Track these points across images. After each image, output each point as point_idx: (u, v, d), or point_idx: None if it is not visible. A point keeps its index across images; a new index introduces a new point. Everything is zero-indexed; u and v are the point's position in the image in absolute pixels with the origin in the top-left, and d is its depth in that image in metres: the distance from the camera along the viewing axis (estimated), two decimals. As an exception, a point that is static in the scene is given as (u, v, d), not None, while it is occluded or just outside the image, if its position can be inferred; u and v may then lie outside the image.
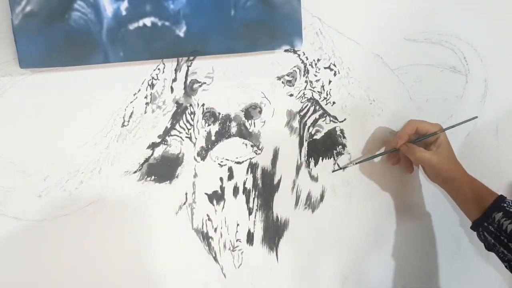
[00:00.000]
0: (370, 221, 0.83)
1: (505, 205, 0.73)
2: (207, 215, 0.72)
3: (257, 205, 0.74)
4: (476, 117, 0.80)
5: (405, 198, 0.85)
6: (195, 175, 0.70)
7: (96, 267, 0.66)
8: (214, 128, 0.69)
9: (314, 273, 0.81)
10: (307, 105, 0.75)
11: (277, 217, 0.76)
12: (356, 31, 0.75)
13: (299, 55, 0.73)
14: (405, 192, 0.86)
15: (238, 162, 0.72)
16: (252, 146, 0.72)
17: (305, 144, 0.76)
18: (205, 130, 0.69)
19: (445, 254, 0.90)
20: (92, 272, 0.66)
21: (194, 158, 0.69)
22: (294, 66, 0.73)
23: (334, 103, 0.76)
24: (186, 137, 0.68)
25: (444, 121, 0.83)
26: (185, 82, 0.67)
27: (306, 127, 0.75)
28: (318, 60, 0.74)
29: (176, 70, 0.66)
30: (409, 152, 0.76)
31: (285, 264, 0.78)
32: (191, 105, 0.68)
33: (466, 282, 0.92)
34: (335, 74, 0.75)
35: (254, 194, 0.74)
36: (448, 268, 0.90)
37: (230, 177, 0.72)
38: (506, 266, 0.74)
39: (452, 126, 0.79)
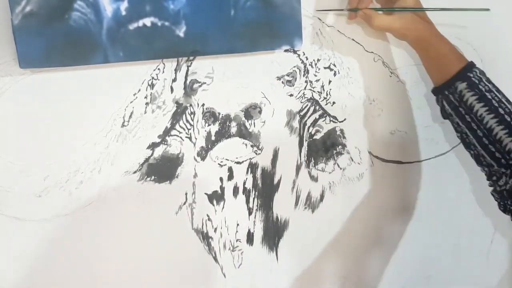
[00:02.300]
0: (370, 221, 0.83)
1: (471, 75, 0.68)
2: (207, 215, 0.72)
3: (257, 205, 0.74)
4: (488, 9, 0.71)
5: (405, 198, 0.86)
6: (195, 175, 0.70)
7: (96, 267, 0.66)
8: (214, 128, 0.69)
9: (313, 273, 0.81)
10: (307, 105, 0.75)
11: (277, 217, 0.77)
12: (356, 31, 0.75)
13: (299, 55, 0.73)
14: (405, 192, 0.86)
15: (238, 162, 0.72)
16: (252, 146, 0.72)
17: (305, 144, 0.76)
18: (205, 130, 0.69)
19: (445, 254, 0.90)
20: (92, 272, 0.66)
21: (194, 158, 0.69)
22: (294, 66, 0.73)
23: (334, 103, 0.76)
24: (186, 137, 0.68)
25: (443, 121, 0.83)
26: (185, 82, 0.67)
27: (306, 127, 0.75)
28: (318, 60, 0.74)
29: (176, 70, 0.66)
30: (367, 20, 0.70)
31: (285, 264, 0.78)
32: (191, 105, 0.68)
33: (465, 281, 0.92)
34: (335, 74, 0.75)
35: (254, 194, 0.74)
36: (448, 268, 0.90)
37: (230, 177, 0.72)
38: (458, 136, 0.72)
39: (458, 9, 0.73)
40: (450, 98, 0.70)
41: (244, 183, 0.73)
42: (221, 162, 0.71)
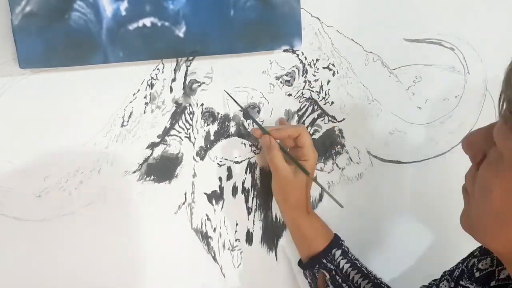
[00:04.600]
0: (370, 221, 0.83)
1: (342, 242, 0.72)
2: (206, 215, 0.72)
3: (256, 205, 0.75)
4: (342, 206, 0.70)
5: (404, 198, 0.86)
6: (194, 175, 0.70)
7: (96, 267, 0.66)
8: (213, 128, 0.70)
9: (313, 273, 0.81)
10: (306, 105, 0.75)
11: (276, 216, 0.77)
12: (355, 31, 0.75)
13: (297, 55, 0.73)
14: (405, 192, 0.86)
15: (237, 162, 0.72)
16: (250, 146, 0.72)
17: (304, 144, 0.76)
18: (204, 130, 0.69)
19: (445, 254, 0.90)
20: (91, 271, 0.66)
21: (193, 158, 0.70)
22: (293, 66, 0.73)
23: (332, 103, 0.76)
24: (185, 137, 0.68)
25: (443, 121, 0.83)
26: (184, 82, 0.67)
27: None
28: (317, 60, 0.74)
29: (175, 70, 0.66)
30: (267, 147, 0.67)
31: (284, 264, 0.78)
32: (190, 105, 0.68)
33: (465, 282, 0.92)
34: (333, 74, 0.76)
35: (253, 193, 0.74)
36: (448, 268, 0.90)
37: (229, 176, 0.72)
38: None
39: (325, 191, 0.74)
40: (328, 266, 0.71)
41: (243, 182, 0.73)
42: (220, 161, 0.71)
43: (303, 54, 0.73)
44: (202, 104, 0.68)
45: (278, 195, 0.71)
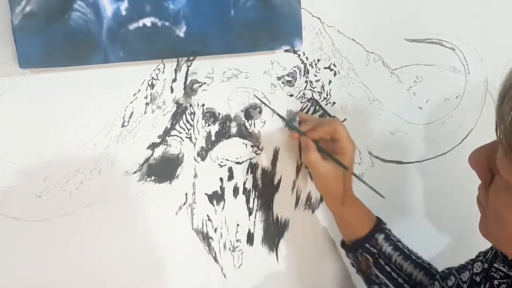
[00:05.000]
0: (370, 221, 0.83)
1: (384, 227, 0.75)
2: (207, 216, 0.72)
3: (257, 206, 0.74)
4: (384, 197, 0.72)
5: (405, 198, 0.85)
6: (195, 176, 0.70)
7: (96, 267, 0.66)
8: (214, 128, 0.69)
9: (314, 274, 0.81)
10: (307, 105, 0.75)
11: (277, 217, 0.76)
12: (356, 31, 0.75)
13: (299, 55, 0.73)
14: (405, 192, 0.86)
15: (238, 163, 0.72)
16: (252, 146, 0.72)
17: (305, 144, 0.76)
18: (205, 130, 0.69)
19: (445, 254, 0.90)
20: (92, 272, 0.66)
21: (194, 159, 0.69)
22: (294, 66, 0.73)
23: (334, 103, 0.76)
24: (186, 137, 0.68)
25: (444, 121, 0.83)
26: (185, 82, 0.67)
27: (306, 127, 0.75)
28: (318, 60, 0.74)
29: (176, 70, 0.66)
30: (304, 148, 0.69)
31: (285, 265, 0.78)
32: (191, 105, 0.68)
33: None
34: (335, 74, 0.75)
35: (254, 194, 0.74)
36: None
37: (230, 177, 0.72)
38: None
39: (362, 181, 0.72)
40: (371, 251, 0.73)
41: (244, 183, 0.73)
42: (221, 162, 0.71)
43: (304, 54, 0.73)
44: (203, 105, 0.68)
45: (320, 190, 0.73)
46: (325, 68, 0.75)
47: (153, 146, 0.66)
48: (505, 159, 0.45)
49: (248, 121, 0.71)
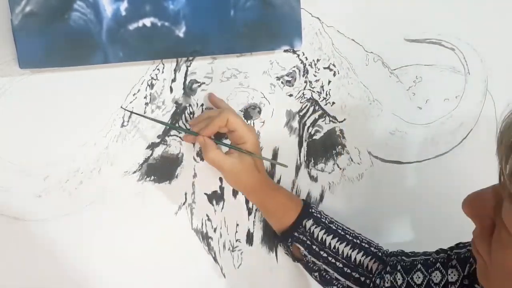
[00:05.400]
0: (370, 221, 0.83)
1: (312, 211, 0.71)
2: (207, 215, 0.72)
3: (257, 205, 0.74)
4: (287, 166, 0.71)
5: (404, 198, 0.85)
6: (195, 175, 0.70)
7: (96, 267, 0.66)
8: (214, 128, 0.69)
9: (313, 273, 0.81)
10: (307, 105, 0.75)
11: (276, 217, 0.76)
12: (356, 31, 0.75)
13: (298, 55, 0.73)
14: (405, 192, 0.86)
15: (237, 162, 0.72)
16: (251, 146, 0.72)
17: (305, 144, 0.76)
18: (205, 130, 0.69)
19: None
20: (92, 272, 0.66)
21: (194, 158, 0.69)
22: (294, 66, 0.73)
23: (333, 103, 0.76)
24: (186, 137, 0.68)
25: (443, 121, 0.83)
26: (184, 82, 0.67)
27: (306, 127, 0.75)
28: (318, 60, 0.74)
29: (175, 71, 0.66)
30: (203, 148, 0.64)
31: (284, 264, 0.78)
32: (190, 105, 0.68)
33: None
34: (334, 74, 0.75)
35: (254, 194, 0.74)
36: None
37: (230, 177, 0.72)
38: (315, 277, 0.72)
39: (269, 161, 0.71)
40: (301, 239, 0.69)
41: (244, 183, 0.73)
42: (221, 162, 0.71)
43: (303, 54, 0.73)
44: (202, 104, 0.68)
45: (233, 185, 0.68)
46: (324, 68, 0.75)
47: (152, 146, 0.67)
48: None
49: (247, 121, 0.71)
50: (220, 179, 0.72)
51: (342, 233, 0.70)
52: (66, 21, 0.57)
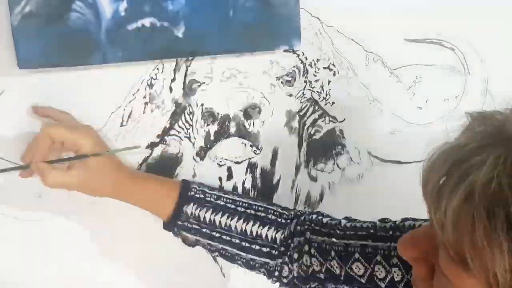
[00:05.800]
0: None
1: (192, 193, 0.65)
2: (206, 215, 0.72)
3: (256, 205, 0.74)
4: (139, 146, 0.65)
5: (404, 198, 0.85)
6: (194, 175, 0.70)
7: (96, 267, 0.66)
8: (213, 128, 0.70)
9: (313, 273, 0.81)
10: (307, 105, 0.75)
11: (276, 217, 0.76)
12: (356, 31, 0.75)
13: (298, 55, 0.73)
14: (405, 193, 0.85)
15: (237, 162, 0.72)
16: (251, 146, 0.72)
17: (304, 144, 0.76)
18: (204, 130, 0.69)
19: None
20: (91, 272, 0.66)
21: (193, 158, 0.70)
22: (294, 66, 0.73)
23: (333, 103, 0.76)
24: (185, 137, 0.68)
25: (444, 121, 0.83)
26: (184, 82, 0.67)
27: (306, 127, 0.75)
28: (318, 60, 0.74)
29: (175, 70, 0.66)
30: (40, 176, 0.57)
31: (284, 264, 0.78)
32: (190, 105, 0.68)
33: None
34: (334, 74, 0.75)
35: (253, 194, 0.74)
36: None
37: (229, 177, 0.72)
38: (216, 256, 0.68)
39: (116, 150, 0.63)
40: (187, 226, 0.64)
41: (243, 183, 0.73)
42: (220, 162, 0.71)
43: (303, 54, 0.73)
44: (202, 104, 0.68)
45: (95, 195, 0.61)
46: (324, 68, 0.75)
47: (152, 145, 0.67)
48: (453, 264, 0.37)
49: (247, 121, 0.71)
50: (220, 179, 0.72)
51: (233, 206, 0.65)
52: (65, 22, 0.57)
